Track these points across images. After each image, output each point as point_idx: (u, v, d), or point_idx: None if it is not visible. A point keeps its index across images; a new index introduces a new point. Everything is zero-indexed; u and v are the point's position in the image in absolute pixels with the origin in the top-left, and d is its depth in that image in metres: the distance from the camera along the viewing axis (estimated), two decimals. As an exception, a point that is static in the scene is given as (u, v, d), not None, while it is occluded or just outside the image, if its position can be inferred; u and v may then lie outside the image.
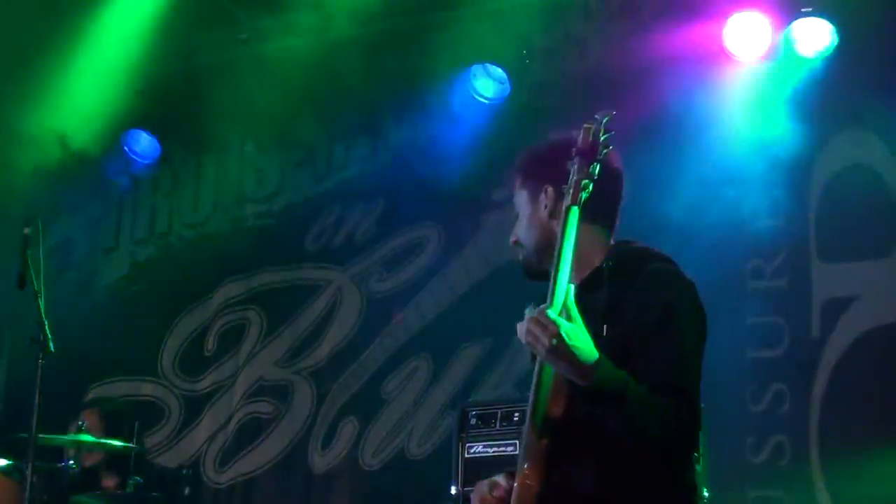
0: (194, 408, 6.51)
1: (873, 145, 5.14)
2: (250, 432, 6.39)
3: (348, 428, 6.22)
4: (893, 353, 4.89)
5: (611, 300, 2.33)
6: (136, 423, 5.28)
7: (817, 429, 5.04)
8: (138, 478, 5.19)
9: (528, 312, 2.25)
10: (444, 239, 6.22)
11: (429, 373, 6.10)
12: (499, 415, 4.41)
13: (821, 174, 5.25)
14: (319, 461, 6.23)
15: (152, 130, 6.69)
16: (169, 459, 6.42)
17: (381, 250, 6.33)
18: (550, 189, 2.51)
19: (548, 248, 2.47)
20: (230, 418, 6.46)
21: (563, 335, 2.20)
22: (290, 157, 6.60)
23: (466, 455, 4.39)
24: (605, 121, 2.28)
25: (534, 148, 2.61)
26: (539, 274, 2.51)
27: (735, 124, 5.43)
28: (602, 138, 2.27)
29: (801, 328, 5.17)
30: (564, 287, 2.24)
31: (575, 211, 2.27)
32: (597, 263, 2.45)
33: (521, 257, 2.56)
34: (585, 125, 2.25)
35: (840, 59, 5.20)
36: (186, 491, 5.50)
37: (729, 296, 5.07)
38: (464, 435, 4.40)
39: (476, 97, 6.00)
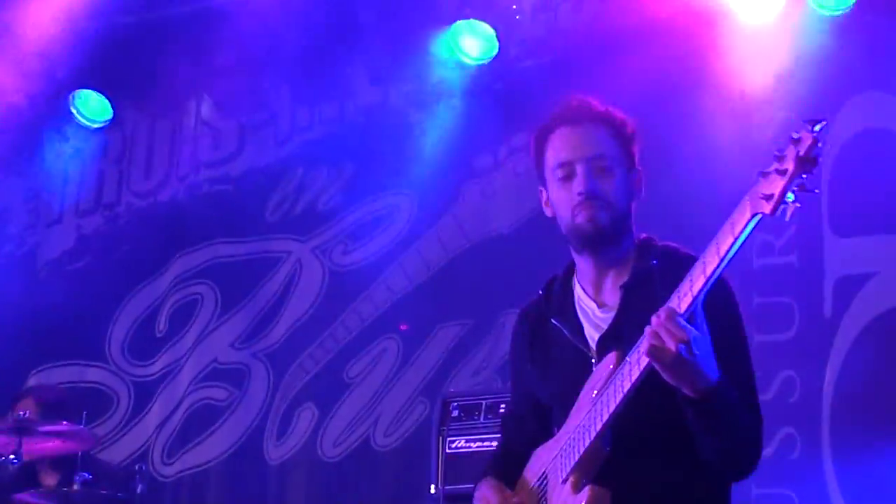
0: (145, 395, 6.37)
1: (893, 109, 5.01)
2: (201, 421, 6.25)
3: (306, 415, 6.07)
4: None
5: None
6: (84, 413, 5.08)
7: (830, 420, 4.94)
8: (86, 474, 4.99)
9: (654, 316, 2.21)
10: (417, 208, 6.07)
11: (398, 356, 5.94)
12: (483, 406, 4.33)
13: (835, 140, 5.08)
14: (274, 452, 6.10)
15: (102, 90, 6.50)
16: (117, 452, 6.26)
17: (347, 220, 6.20)
18: (640, 172, 2.55)
19: (628, 225, 2.51)
20: (179, 405, 6.32)
21: (693, 343, 2.17)
22: (250, 119, 6.46)
23: (447, 450, 4.31)
24: (819, 129, 2.10)
25: (622, 114, 2.58)
26: (605, 241, 2.49)
27: (742, 86, 5.31)
28: (819, 150, 2.10)
29: (812, 309, 5.06)
30: (703, 294, 2.17)
31: (754, 221, 2.14)
32: (632, 259, 2.49)
33: (603, 217, 2.47)
34: (810, 130, 2.06)
35: (858, 15, 5.07)
36: (139, 488, 5.27)
37: (733, 273, 4.75)
38: (444, 428, 4.34)
39: (460, 56, 5.84)
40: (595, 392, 2.39)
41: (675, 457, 2.38)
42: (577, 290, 2.58)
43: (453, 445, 4.33)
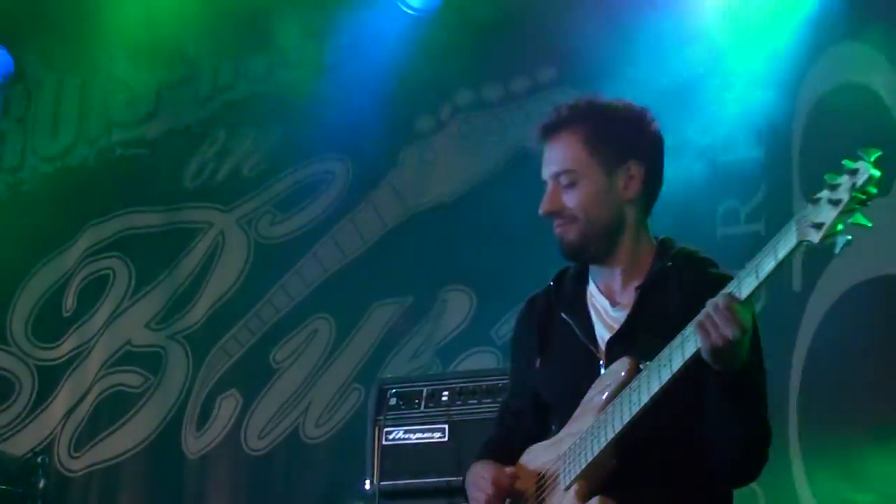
0: (50, 380, 6.35)
1: (874, 62, 4.93)
2: (113, 409, 6.23)
3: (228, 404, 6.05)
4: (891, 311, 4.77)
5: (686, 308, 2.38)
6: None
7: (797, 406, 4.95)
8: None
9: (712, 302, 2.30)
10: (352, 175, 6.08)
11: (331, 337, 5.95)
12: (424, 394, 4.32)
13: (808, 95, 5.15)
14: (193, 444, 6.08)
15: (2, 42, 6.43)
16: (18, 444, 6.20)
17: (275, 188, 6.19)
18: (638, 167, 2.57)
19: (613, 234, 2.58)
20: (87, 392, 6.29)
21: (747, 332, 2.30)
22: (167, 75, 6.41)
23: (384, 442, 4.28)
24: (875, 157, 2.18)
25: (607, 106, 2.62)
26: (588, 257, 2.59)
27: (709, 37, 5.36)
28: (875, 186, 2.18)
29: (779, 282, 4.89)
30: (756, 284, 2.27)
31: (800, 248, 2.24)
32: (649, 261, 2.58)
33: (569, 233, 2.57)
34: (868, 163, 2.14)
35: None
36: (41, 483, 5.30)
37: (695, 243, 4.94)
38: (381, 418, 4.32)
39: (400, 6, 5.87)
40: (604, 397, 2.46)
41: (680, 471, 2.47)
42: (591, 286, 2.66)
43: (391, 437, 4.31)
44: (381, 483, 4.23)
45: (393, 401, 4.34)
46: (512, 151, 5.71)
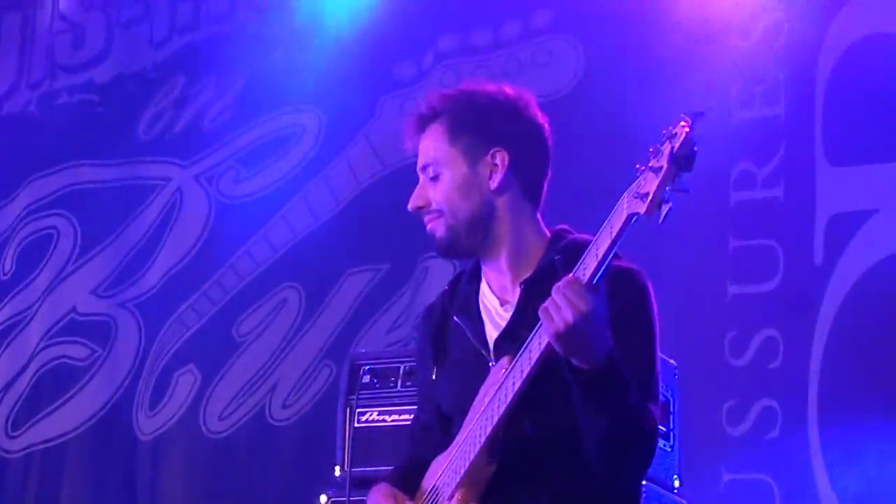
0: None
1: None
2: (56, 384, 6.27)
3: (186, 380, 6.05)
4: (921, 286, 4.89)
5: None
6: None
7: (818, 390, 4.96)
8: None
9: (556, 285, 2.37)
10: (325, 128, 6.05)
11: (300, 308, 5.95)
12: (401, 371, 4.34)
13: (831, 49, 5.16)
14: (146, 424, 6.09)
15: None
16: None
17: (239, 141, 6.17)
18: (503, 155, 2.65)
19: (483, 226, 2.66)
20: (27, 365, 6.34)
21: (591, 315, 2.34)
22: (119, 13, 6.43)
23: (356, 424, 4.32)
24: (695, 121, 2.30)
25: (466, 93, 2.71)
26: (460, 251, 2.70)
27: None
28: (694, 147, 2.29)
29: (799, 254, 5.10)
30: (603, 269, 2.36)
31: (631, 221, 2.34)
32: (539, 255, 2.66)
33: (438, 229, 2.67)
34: (686, 125, 2.27)
35: None
36: None
37: (707, 211, 5.07)
38: (353, 398, 4.33)
39: None
40: (488, 398, 2.54)
41: (572, 468, 2.53)
42: (483, 285, 2.73)
43: (363, 418, 4.33)
44: (353, 469, 4.22)
45: (366, 378, 4.35)
46: None
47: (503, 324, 2.64)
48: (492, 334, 2.65)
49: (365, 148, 5.98)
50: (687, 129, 2.24)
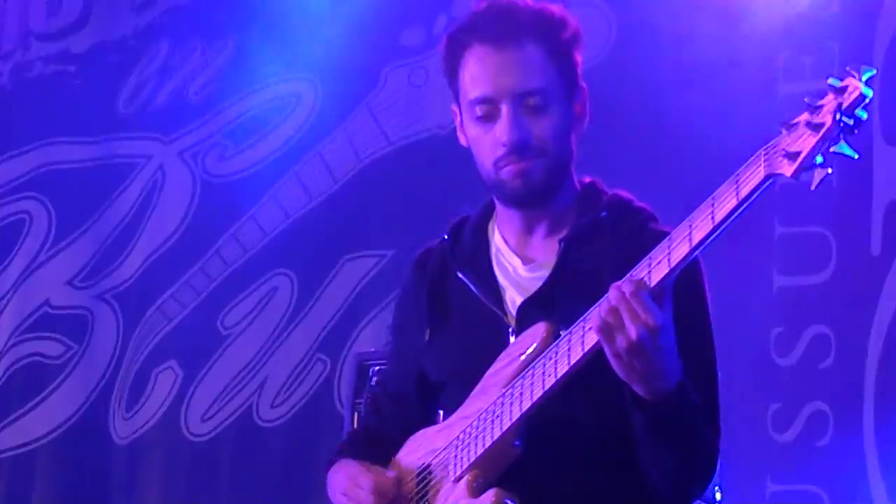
0: None
1: None
2: (27, 385, 6.15)
3: (166, 378, 5.95)
4: None
5: (621, 268, 2.31)
6: None
7: (874, 393, 4.85)
8: None
9: (613, 287, 2.21)
10: (322, 99, 5.93)
11: (292, 298, 5.83)
12: None
13: (891, 15, 5.07)
14: (122, 427, 5.98)
15: None
16: None
17: (227, 113, 6.04)
18: (585, 92, 2.55)
19: (567, 168, 2.52)
20: None
21: (660, 332, 2.18)
22: None
23: None
24: (867, 77, 2.09)
25: (563, 15, 2.51)
26: (539, 197, 2.49)
27: None
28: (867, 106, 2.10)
29: (854, 243, 5.00)
30: (677, 270, 2.19)
31: (767, 184, 2.16)
32: (572, 210, 2.52)
33: (535, 172, 2.45)
34: (854, 75, 2.06)
35: None
36: None
37: (752, 103, 4.98)
38: (360, 401, 4.34)
39: None
40: (512, 369, 2.38)
41: (607, 462, 2.41)
42: (496, 240, 2.57)
43: None
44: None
45: (375, 380, 4.36)
46: None
47: (529, 286, 2.47)
48: (513, 297, 2.48)
49: (367, 121, 5.90)
50: (860, 84, 2.04)
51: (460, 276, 2.55)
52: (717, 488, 4.10)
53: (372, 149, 5.86)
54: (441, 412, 2.56)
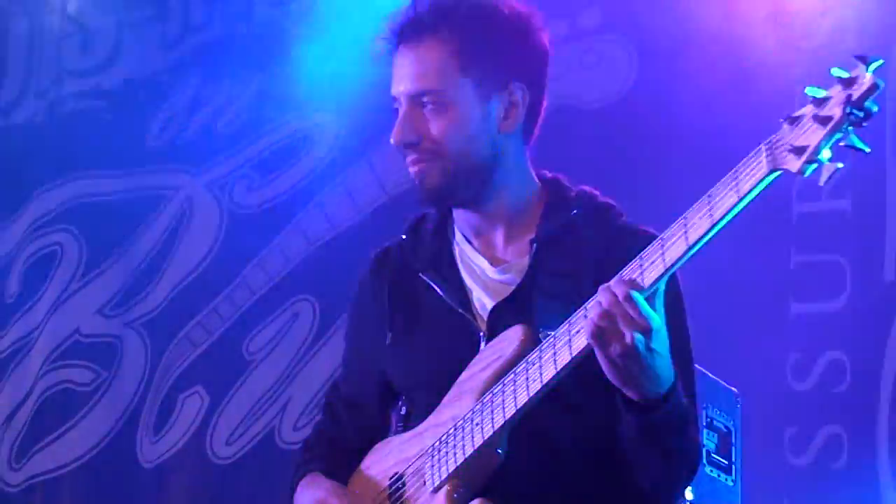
0: None
1: None
2: (58, 411, 6.17)
3: (192, 403, 5.95)
4: None
5: (597, 265, 2.28)
6: None
7: (888, 416, 4.85)
8: None
9: (604, 289, 2.10)
10: (345, 132, 5.93)
11: (314, 323, 5.84)
12: None
13: None
14: (150, 451, 6.00)
15: None
16: None
17: (254, 147, 6.07)
18: (522, 91, 2.38)
19: (485, 174, 2.37)
20: (30, 392, 6.25)
21: (653, 336, 2.08)
22: (130, 15, 6.42)
23: None
24: (876, 66, 1.98)
25: (485, 7, 2.38)
26: (453, 202, 2.40)
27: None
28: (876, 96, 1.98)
29: (869, 270, 4.98)
30: (672, 270, 2.09)
31: (770, 179, 2.04)
32: (538, 208, 2.41)
33: (431, 174, 2.36)
34: (863, 65, 1.96)
35: None
36: None
37: (767, 224, 4.96)
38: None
39: None
40: (488, 375, 2.25)
41: (592, 470, 2.30)
42: (459, 240, 2.45)
43: None
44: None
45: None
46: (550, 105, 5.49)
47: (500, 288, 2.34)
48: (482, 299, 2.35)
49: (390, 152, 5.76)
50: (869, 75, 1.94)
51: (424, 278, 2.42)
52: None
53: (395, 179, 5.75)
54: (405, 418, 2.44)
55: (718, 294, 4.83)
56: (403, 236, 2.50)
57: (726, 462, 4.03)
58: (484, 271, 2.38)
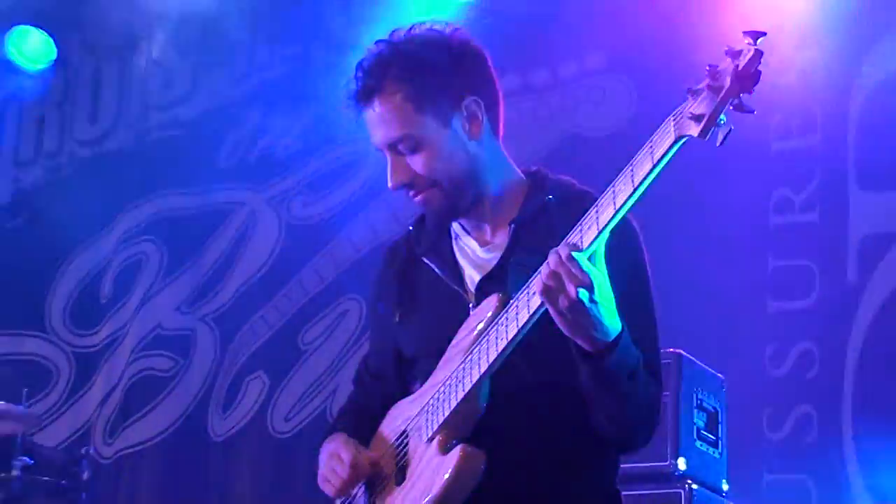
0: (88, 367, 6.25)
1: None
2: (143, 394, 6.12)
3: (255, 385, 5.90)
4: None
5: None
6: (24, 390, 4.83)
7: (852, 398, 4.79)
8: (27, 458, 4.75)
9: (552, 253, 2.05)
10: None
11: (360, 319, 5.74)
12: None
13: (863, 83, 5.03)
14: (219, 426, 5.96)
15: (44, 27, 6.37)
16: (54, 434, 6.08)
17: (308, 167, 6.02)
18: (474, 101, 2.28)
19: (475, 180, 2.30)
20: (120, 378, 6.18)
21: (596, 289, 2.03)
22: (204, 58, 6.30)
23: None
24: (760, 41, 1.95)
25: (413, 50, 2.28)
26: (461, 213, 2.33)
27: (758, 24, 4.89)
28: (760, 66, 1.94)
29: (834, 272, 4.93)
30: (605, 231, 2.04)
31: (678, 145, 2.00)
32: (521, 195, 2.34)
33: (433, 201, 2.30)
34: (751, 42, 1.92)
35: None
36: (85, 475, 5.01)
37: (747, 233, 5.00)
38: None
39: None
40: (471, 339, 2.22)
41: (562, 419, 2.24)
42: (455, 227, 2.39)
43: None
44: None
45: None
46: (559, 137, 5.47)
47: (486, 265, 2.30)
48: (472, 276, 2.31)
49: None
50: (753, 47, 1.89)
51: (426, 261, 2.37)
52: (724, 480, 3.96)
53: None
54: (418, 384, 2.38)
55: (706, 293, 4.77)
56: (410, 227, 2.47)
57: (714, 437, 3.96)
58: (474, 251, 2.35)
